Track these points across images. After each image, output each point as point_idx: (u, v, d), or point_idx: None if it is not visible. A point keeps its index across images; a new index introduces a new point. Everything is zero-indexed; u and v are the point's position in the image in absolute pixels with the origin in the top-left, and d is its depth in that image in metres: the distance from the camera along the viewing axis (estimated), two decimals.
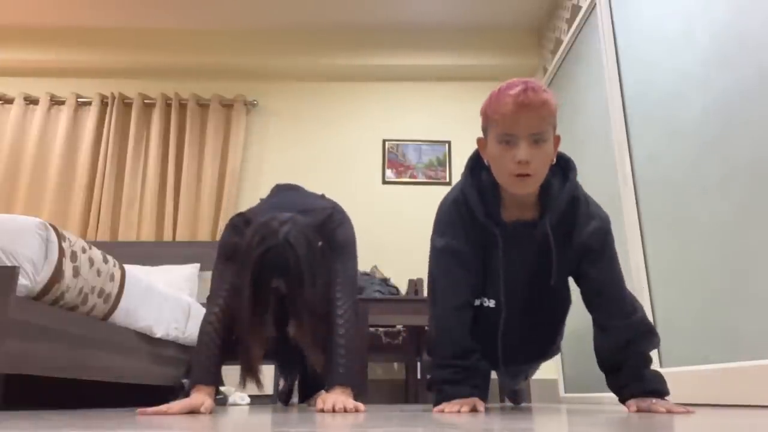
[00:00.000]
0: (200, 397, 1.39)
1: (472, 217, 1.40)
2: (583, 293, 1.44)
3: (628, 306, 1.37)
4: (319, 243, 1.55)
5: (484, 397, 1.41)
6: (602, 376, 1.42)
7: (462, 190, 1.42)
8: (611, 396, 1.77)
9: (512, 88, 1.23)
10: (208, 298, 1.63)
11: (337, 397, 1.42)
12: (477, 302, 1.47)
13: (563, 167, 1.39)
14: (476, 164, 1.42)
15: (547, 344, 1.59)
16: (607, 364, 1.38)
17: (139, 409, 1.27)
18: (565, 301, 1.54)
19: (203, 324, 1.55)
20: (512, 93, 1.22)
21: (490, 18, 3.98)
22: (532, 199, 1.37)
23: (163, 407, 1.29)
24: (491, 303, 1.46)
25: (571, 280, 1.50)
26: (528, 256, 1.41)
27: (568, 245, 1.39)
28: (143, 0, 3.81)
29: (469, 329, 1.43)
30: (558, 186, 1.37)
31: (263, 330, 1.51)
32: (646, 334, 1.35)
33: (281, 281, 1.46)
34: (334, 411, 1.36)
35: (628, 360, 1.33)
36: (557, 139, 1.33)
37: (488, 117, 1.29)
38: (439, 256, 1.45)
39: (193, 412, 1.34)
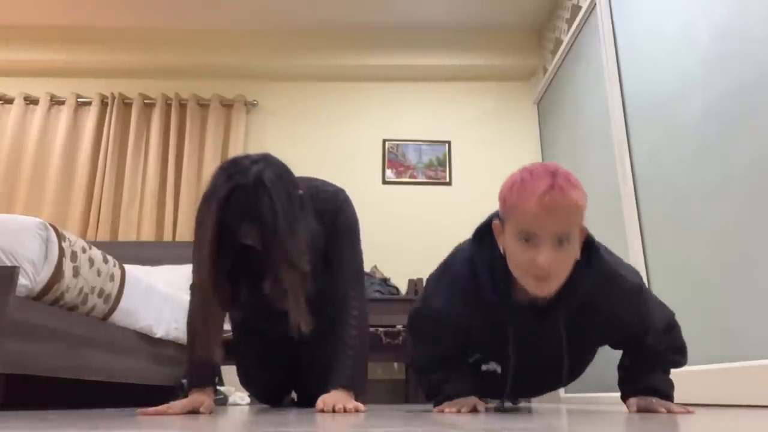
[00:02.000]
0: (200, 397, 1.37)
1: (478, 291, 1.27)
2: (618, 345, 1.37)
3: (661, 330, 1.30)
4: (299, 192, 1.36)
5: (481, 395, 1.41)
6: (602, 376, 1.42)
7: (470, 262, 1.28)
8: (611, 396, 1.77)
9: (537, 183, 1.09)
10: (191, 287, 1.47)
11: (337, 398, 1.39)
12: (481, 365, 1.42)
13: (586, 247, 1.21)
14: (486, 236, 1.26)
15: (563, 383, 1.52)
16: (626, 366, 1.36)
17: (140, 410, 1.26)
18: (591, 359, 1.45)
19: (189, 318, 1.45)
20: (537, 192, 1.07)
21: (490, 18, 3.97)
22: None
23: (163, 407, 1.28)
24: (495, 367, 1.40)
25: None
26: (543, 340, 1.28)
27: (608, 328, 1.29)
28: (143, 0, 3.81)
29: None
30: (580, 273, 1.18)
31: (225, 296, 1.33)
32: (674, 351, 1.31)
33: (253, 232, 1.26)
34: (334, 411, 1.34)
35: (645, 362, 1.31)
36: (583, 232, 1.18)
37: (507, 207, 1.15)
38: (432, 317, 1.36)
39: (194, 411, 1.33)
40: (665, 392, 1.29)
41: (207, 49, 4.04)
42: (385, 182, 3.97)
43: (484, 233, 1.27)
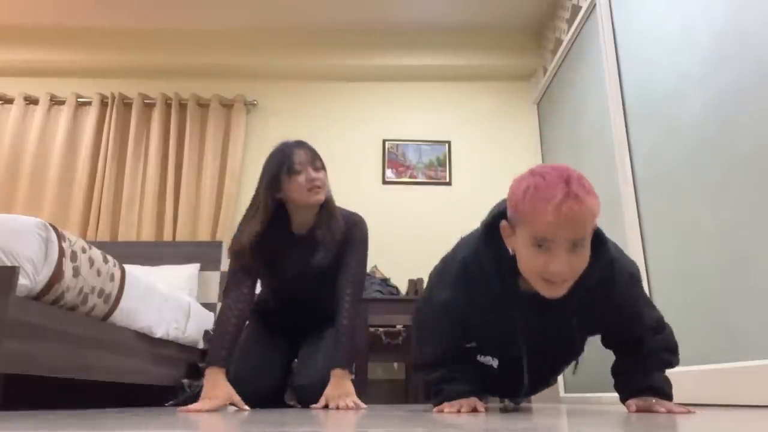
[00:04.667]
0: (225, 389, 1.62)
1: (485, 284, 1.28)
2: (607, 340, 1.38)
3: (652, 329, 1.31)
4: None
5: (481, 395, 1.41)
6: (602, 376, 1.42)
7: (476, 255, 1.29)
8: (611, 396, 1.77)
9: (551, 191, 1.06)
10: (223, 291, 1.85)
11: (340, 391, 1.68)
12: (477, 355, 1.42)
13: (594, 241, 1.20)
14: (492, 232, 1.25)
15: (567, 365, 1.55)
16: (620, 370, 1.36)
17: (180, 408, 1.49)
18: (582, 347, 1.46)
19: (219, 314, 1.78)
20: (553, 202, 1.05)
21: (490, 18, 3.97)
22: None
23: (197, 405, 1.53)
24: (491, 361, 1.42)
25: None
26: (547, 326, 1.30)
27: (595, 312, 1.29)
28: (143, 0, 3.81)
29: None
30: (589, 268, 1.17)
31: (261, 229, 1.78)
32: (666, 351, 1.32)
33: (308, 155, 1.80)
34: (338, 409, 1.51)
35: (639, 364, 1.31)
36: (592, 231, 1.16)
37: (519, 214, 1.11)
38: (438, 307, 1.37)
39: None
40: (665, 392, 1.29)
41: (207, 49, 4.04)
42: (385, 182, 3.97)
43: (489, 234, 1.26)
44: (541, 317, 1.27)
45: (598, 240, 1.21)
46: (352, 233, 1.90)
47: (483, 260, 1.27)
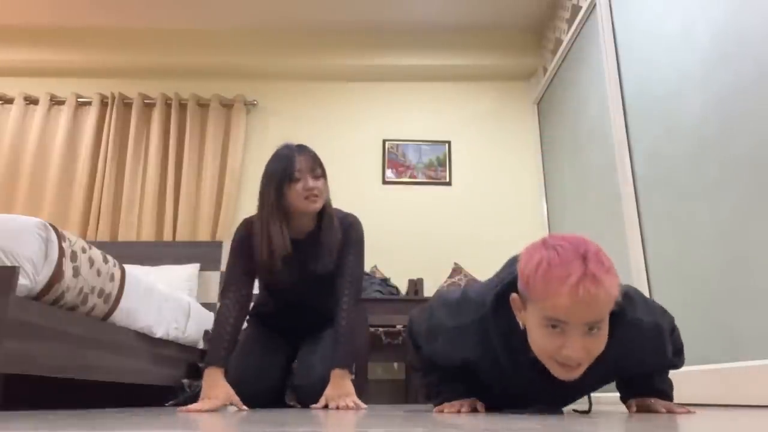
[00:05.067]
0: (224, 389, 1.63)
1: (488, 348, 1.19)
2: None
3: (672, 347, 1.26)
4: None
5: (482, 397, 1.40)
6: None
7: (482, 324, 1.19)
8: (611, 396, 1.77)
9: (566, 270, 0.98)
10: (221, 292, 1.87)
11: (340, 391, 1.69)
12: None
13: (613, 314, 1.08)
14: (503, 302, 1.15)
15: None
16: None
17: (180, 408, 1.48)
18: None
19: (217, 314, 1.80)
20: (568, 283, 0.97)
21: (490, 18, 3.97)
22: None
23: (198, 405, 1.54)
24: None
25: None
26: (558, 388, 1.19)
27: (623, 372, 1.24)
28: (144, 0, 3.81)
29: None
30: (607, 344, 1.07)
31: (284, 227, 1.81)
32: (672, 353, 1.28)
33: (308, 161, 1.81)
34: (338, 409, 1.53)
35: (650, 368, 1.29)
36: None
37: (531, 291, 1.03)
38: (432, 358, 1.32)
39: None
40: (665, 393, 1.28)
41: (207, 49, 4.04)
42: (385, 182, 3.97)
43: (501, 301, 1.16)
44: (550, 388, 1.19)
45: (616, 316, 1.08)
46: (348, 234, 1.92)
47: (491, 332, 1.17)
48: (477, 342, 1.20)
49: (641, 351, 1.17)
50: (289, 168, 1.80)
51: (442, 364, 1.34)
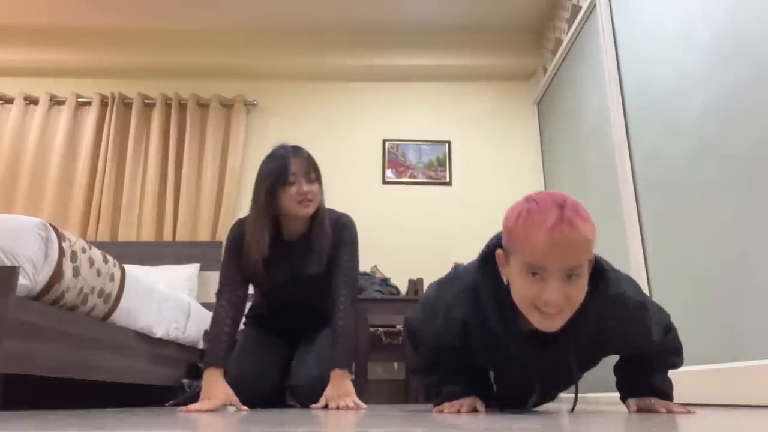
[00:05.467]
0: (223, 389, 1.63)
1: (480, 319, 1.23)
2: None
3: (660, 335, 1.27)
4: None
5: (482, 396, 1.41)
6: (602, 376, 1.42)
7: (473, 291, 1.23)
8: (611, 396, 1.77)
9: (544, 215, 1.03)
10: (217, 293, 1.85)
11: (340, 391, 1.69)
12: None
13: (595, 274, 1.14)
14: (490, 262, 1.20)
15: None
16: (623, 368, 1.35)
17: (180, 408, 1.48)
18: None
19: (214, 315, 1.79)
20: (545, 225, 1.01)
21: (490, 18, 3.97)
22: None
23: (198, 405, 1.54)
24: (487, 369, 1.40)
25: None
26: (546, 362, 1.24)
27: (614, 344, 1.26)
28: (144, 0, 3.81)
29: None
30: (590, 304, 1.12)
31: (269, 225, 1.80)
32: (671, 353, 1.31)
33: (302, 163, 1.81)
34: (338, 409, 1.54)
35: (643, 364, 1.30)
36: (591, 261, 1.11)
37: (512, 239, 1.08)
38: (427, 346, 1.37)
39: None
40: (665, 392, 1.28)
41: (207, 49, 4.04)
42: (385, 182, 3.97)
43: (488, 260, 1.20)
44: (540, 356, 1.22)
45: (599, 274, 1.14)
46: (341, 234, 1.91)
47: (481, 296, 1.21)
48: (470, 306, 1.24)
49: (625, 325, 1.19)
50: (284, 171, 1.79)
51: (441, 351, 1.34)
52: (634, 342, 1.24)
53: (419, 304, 1.45)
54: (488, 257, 1.20)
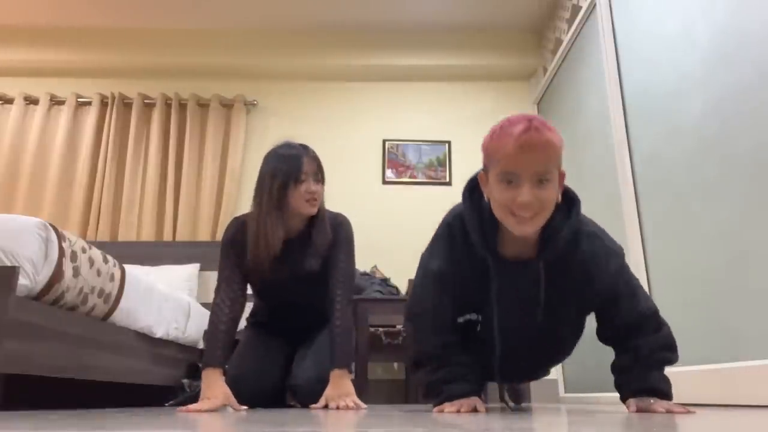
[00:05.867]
0: (222, 389, 1.62)
1: (468, 244, 1.33)
2: (604, 330, 1.38)
3: (653, 325, 1.31)
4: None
5: (480, 393, 1.40)
6: (602, 376, 1.42)
7: (460, 216, 1.36)
8: (611, 396, 1.77)
9: (514, 126, 1.16)
10: (215, 290, 1.85)
11: (340, 391, 1.69)
12: (461, 319, 1.43)
13: (567, 203, 1.31)
14: (475, 190, 1.34)
15: (549, 364, 1.58)
16: (619, 367, 1.36)
17: (179, 408, 1.48)
18: (577, 335, 1.47)
19: (210, 315, 1.78)
20: (515, 132, 1.15)
21: (490, 18, 3.98)
22: (532, 237, 1.28)
23: (197, 405, 1.53)
24: (475, 317, 1.43)
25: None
26: (524, 294, 1.34)
27: (579, 284, 1.32)
28: (143, 0, 3.81)
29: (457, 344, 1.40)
30: (560, 224, 1.27)
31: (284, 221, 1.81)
32: (665, 349, 1.31)
33: (313, 164, 1.84)
34: (338, 409, 1.55)
35: (639, 363, 1.31)
36: (562, 177, 1.26)
37: (489, 154, 1.22)
38: (428, 276, 1.40)
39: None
40: (664, 391, 1.29)
41: (207, 49, 4.04)
42: (385, 182, 3.97)
43: (473, 190, 1.34)
44: (515, 279, 1.32)
45: (571, 200, 1.30)
46: (338, 233, 1.93)
47: (468, 222, 1.32)
48: (445, 251, 1.37)
49: (604, 268, 1.29)
50: (297, 168, 1.81)
51: (435, 297, 1.38)
52: (601, 286, 1.31)
53: (425, 253, 1.50)
54: (472, 189, 1.35)
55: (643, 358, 1.30)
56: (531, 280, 1.31)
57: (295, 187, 1.81)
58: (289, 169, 1.81)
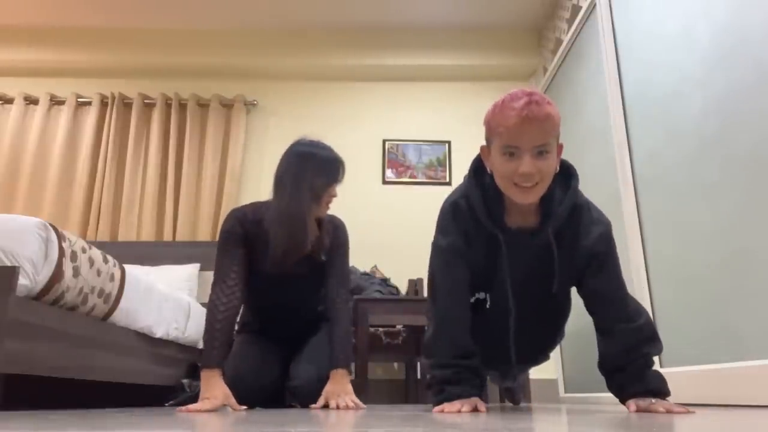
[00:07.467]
0: (221, 389, 1.60)
1: (474, 220, 1.39)
2: (586, 299, 1.43)
3: (633, 311, 1.37)
4: None
5: (482, 397, 1.41)
6: (602, 376, 1.42)
7: (465, 193, 1.42)
8: (611, 396, 1.77)
9: (516, 101, 1.22)
10: (212, 285, 1.82)
11: (340, 389, 1.70)
12: (473, 298, 1.49)
13: (565, 175, 1.40)
14: (479, 168, 1.41)
15: (551, 344, 1.64)
16: (609, 367, 1.38)
17: (179, 408, 1.47)
18: (566, 307, 1.57)
19: (206, 312, 1.75)
20: (516, 106, 1.21)
21: (490, 18, 3.98)
22: (534, 207, 1.37)
23: (197, 405, 1.52)
24: (484, 296, 1.49)
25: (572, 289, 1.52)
26: (531, 262, 1.41)
27: (572, 252, 1.39)
28: (144, 0, 3.81)
29: (470, 329, 1.43)
30: (559, 194, 1.37)
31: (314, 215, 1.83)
32: (649, 339, 1.35)
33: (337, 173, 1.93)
34: (338, 408, 1.56)
35: (630, 362, 1.33)
36: (560, 149, 1.33)
37: (491, 128, 1.28)
38: (441, 255, 1.45)
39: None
40: (660, 390, 1.30)
41: (207, 49, 4.04)
42: (385, 182, 3.97)
43: (477, 169, 1.41)
44: (525, 250, 1.39)
45: (568, 172, 1.39)
46: (336, 236, 1.97)
47: (472, 197, 1.38)
48: (454, 225, 1.42)
49: (592, 234, 1.37)
50: (337, 175, 1.94)
51: (452, 273, 1.41)
52: (591, 252, 1.37)
53: (436, 232, 1.53)
54: (477, 169, 1.41)
55: (632, 350, 1.33)
56: (541, 249, 1.38)
57: (327, 189, 1.89)
58: (335, 171, 1.93)
